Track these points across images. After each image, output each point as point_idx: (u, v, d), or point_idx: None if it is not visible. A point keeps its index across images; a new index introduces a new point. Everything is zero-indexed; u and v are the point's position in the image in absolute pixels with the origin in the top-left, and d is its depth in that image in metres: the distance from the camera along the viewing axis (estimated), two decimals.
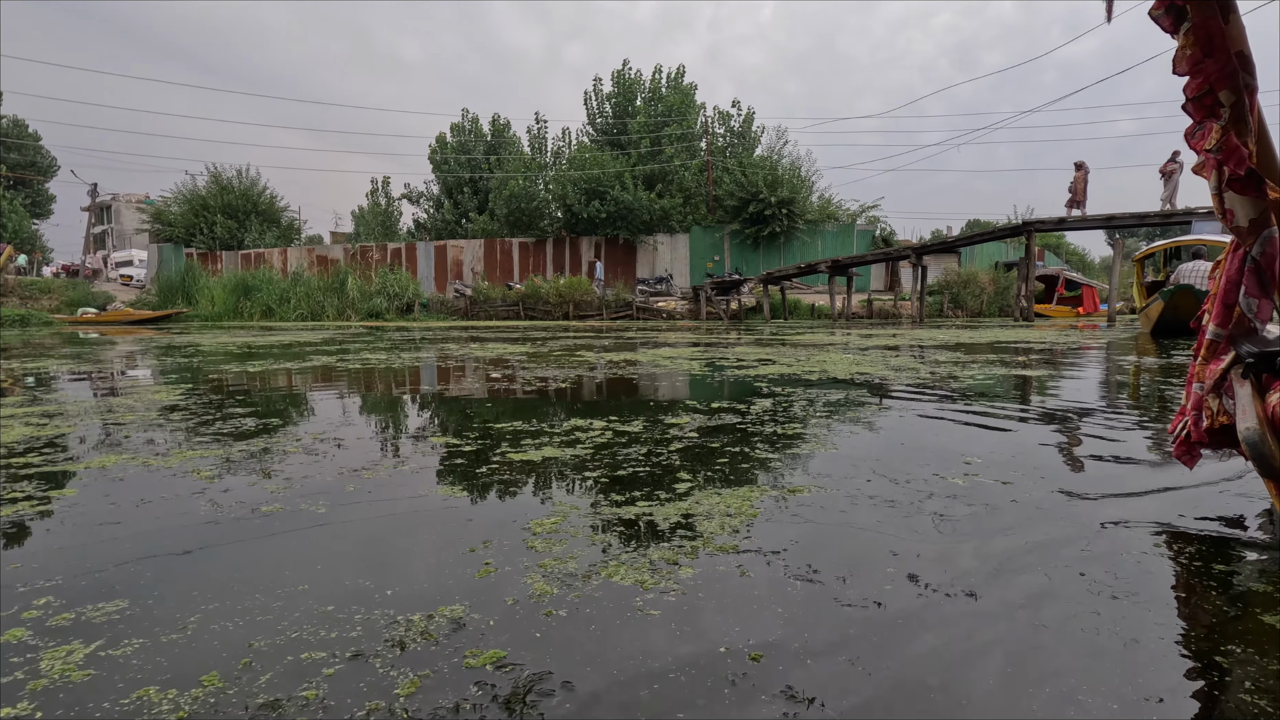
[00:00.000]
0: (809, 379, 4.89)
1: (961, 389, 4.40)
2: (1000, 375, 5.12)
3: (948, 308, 24.81)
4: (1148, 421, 3.39)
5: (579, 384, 4.95)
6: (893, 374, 5.10)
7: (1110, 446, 2.80)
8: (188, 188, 34.79)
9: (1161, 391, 4.50)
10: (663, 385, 4.84)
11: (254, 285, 26.35)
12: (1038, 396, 4.27)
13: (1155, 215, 16.15)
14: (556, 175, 29.26)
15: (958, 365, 5.63)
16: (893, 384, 4.69)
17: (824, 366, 5.53)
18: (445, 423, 3.57)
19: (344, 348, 8.95)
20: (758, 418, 3.40)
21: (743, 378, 4.99)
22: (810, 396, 4.11)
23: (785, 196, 26.69)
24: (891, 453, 2.66)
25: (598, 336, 12.11)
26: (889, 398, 4.16)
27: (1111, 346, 8.68)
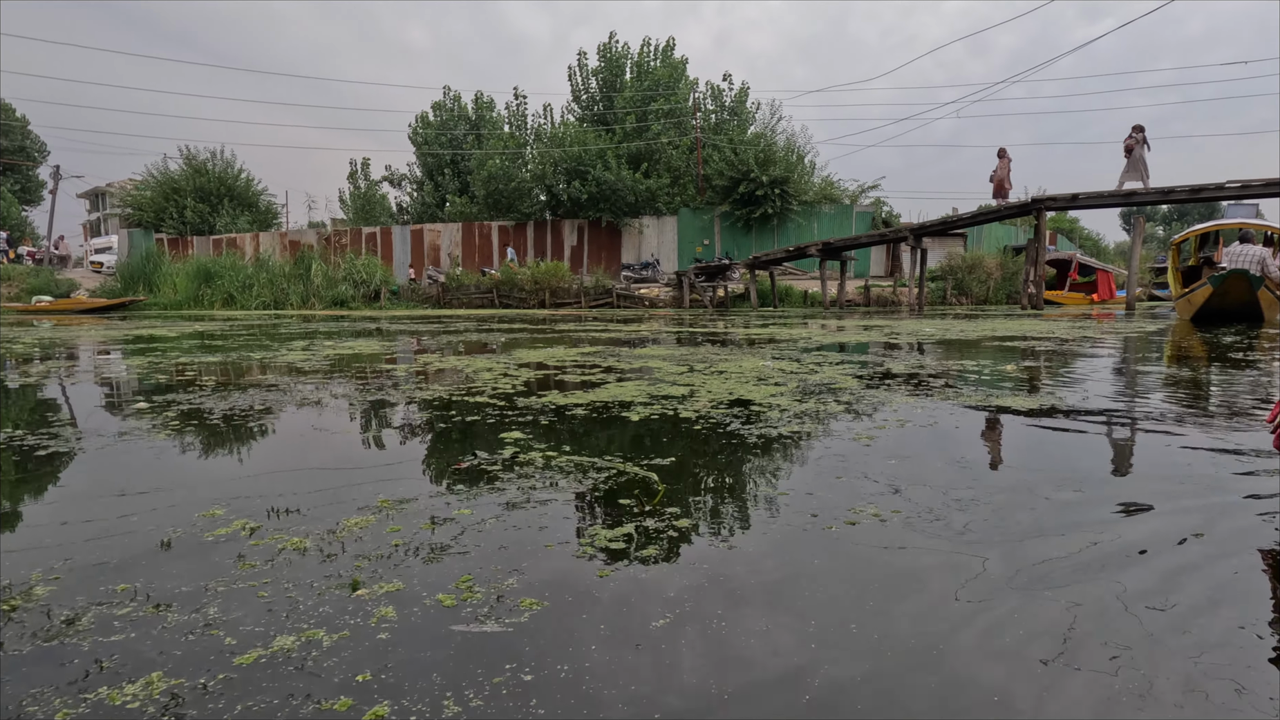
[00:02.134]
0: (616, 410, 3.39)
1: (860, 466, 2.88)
2: (947, 430, 3.64)
3: (951, 295, 23.10)
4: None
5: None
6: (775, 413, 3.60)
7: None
8: (159, 169, 33.43)
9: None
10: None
11: (216, 272, 24.97)
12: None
13: (1182, 190, 14.41)
14: (535, 154, 27.60)
15: (913, 392, 4.07)
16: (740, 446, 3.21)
17: (705, 386, 4.08)
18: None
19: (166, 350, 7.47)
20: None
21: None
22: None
23: (778, 176, 24.97)
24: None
25: (536, 329, 10.61)
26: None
27: (1142, 346, 7.08)
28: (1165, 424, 2.85)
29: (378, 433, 2.79)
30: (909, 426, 2.68)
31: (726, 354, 5.58)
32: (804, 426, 2.67)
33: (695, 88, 29.81)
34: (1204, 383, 3.95)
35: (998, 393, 3.47)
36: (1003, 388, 3.69)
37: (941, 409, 2.99)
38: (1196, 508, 1.76)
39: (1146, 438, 2.64)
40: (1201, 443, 2.48)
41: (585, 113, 31.11)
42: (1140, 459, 2.36)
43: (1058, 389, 3.65)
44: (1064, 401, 3.23)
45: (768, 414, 2.90)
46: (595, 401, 3.28)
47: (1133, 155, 15.30)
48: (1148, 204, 15.11)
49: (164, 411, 3.18)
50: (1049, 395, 3.41)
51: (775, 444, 2.44)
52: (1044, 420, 2.85)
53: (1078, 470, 2.12)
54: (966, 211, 17.58)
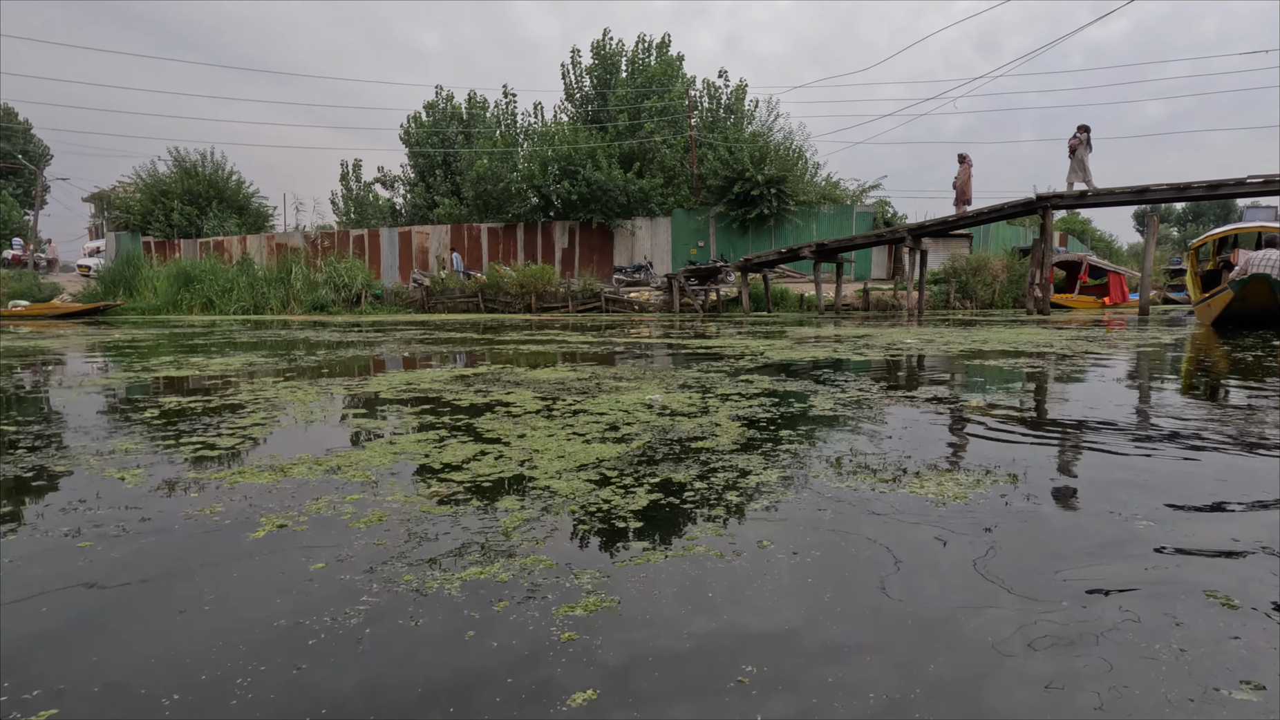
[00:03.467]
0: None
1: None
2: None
3: (954, 298, 22.07)
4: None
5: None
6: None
7: None
8: (147, 171, 32.91)
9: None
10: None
11: (196, 276, 24.33)
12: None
13: (1199, 185, 13.37)
14: (524, 153, 26.78)
15: (802, 451, 2.96)
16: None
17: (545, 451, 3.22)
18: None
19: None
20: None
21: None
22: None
23: (774, 175, 24.01)
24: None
25: (484, 338, 9.75)
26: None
27: (1158, 363, 6.13)
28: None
29: None
30: (727, 561, 1.60)
31: (632, 377, 4.68)
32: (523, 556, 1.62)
33: (692, 85, 28.91)
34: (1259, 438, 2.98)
35: (927, 472, 2.31)
36: (944, 452, 2.64)
37: (819, 505, 2.00)
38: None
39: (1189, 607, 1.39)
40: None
41: (579, 111, 30.30)
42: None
43: (1027, 462, 2.47)
44: (1034, 491, 2.12)
45: (514, 524, 1.88)
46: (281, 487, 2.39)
47: (1075, 156, 14.97)
48: (1162, 201, 14.08)
49: None
50: (1006, 481, 2.22)
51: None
52: (987, 549, 1.66)
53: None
54: (970, 211, 16.55)
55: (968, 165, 17.53)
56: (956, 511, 1.90)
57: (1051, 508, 1.98)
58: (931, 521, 1.82)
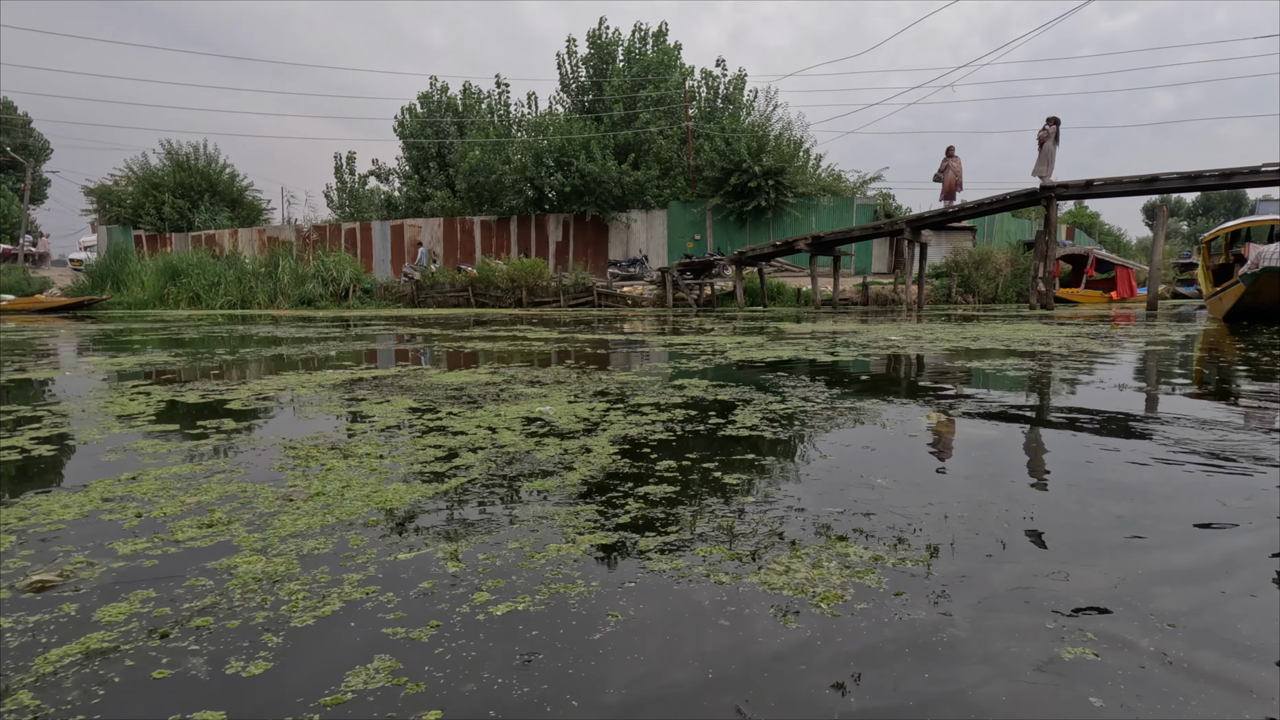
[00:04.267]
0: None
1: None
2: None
3: (956, 293, 21.45)
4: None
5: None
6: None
7: None
8: (139, 164, 32.53)
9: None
10: None
11: (183, 270, 23.93)
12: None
13: (1212, 174, 12.74)
14: (516, 144, 26.23)
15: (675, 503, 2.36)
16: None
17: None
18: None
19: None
20: None
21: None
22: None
23: (771, 166, 23.40)
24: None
25: (455, 334, 9.26)
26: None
27: (1167, 364, 5.59)
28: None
29: None
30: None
31: (551, 381, 4.15)
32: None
33: (690, 75, 28.29)
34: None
35: (810, 539, 1.62)
36: (857, 498, 1.91)
37: (598, 602, 1.29)
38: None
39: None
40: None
41: (575, 103, 29.74)
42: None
43: (967, 522, 1.73)
44: (957, 587, 1.36)
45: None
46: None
47: (1043, 148, 14.84)
48: (1172, 191, 13.45)
49: None
50: (918, 563, 1.48)
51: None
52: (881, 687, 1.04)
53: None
54: (971, 202, 15.93)
55: (957, 159, 17.15)
56: (809, 631, 1.18)
57: (972, 628, 1.19)
58: (758, 655, 1.10)
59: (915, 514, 1.79)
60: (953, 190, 17.01)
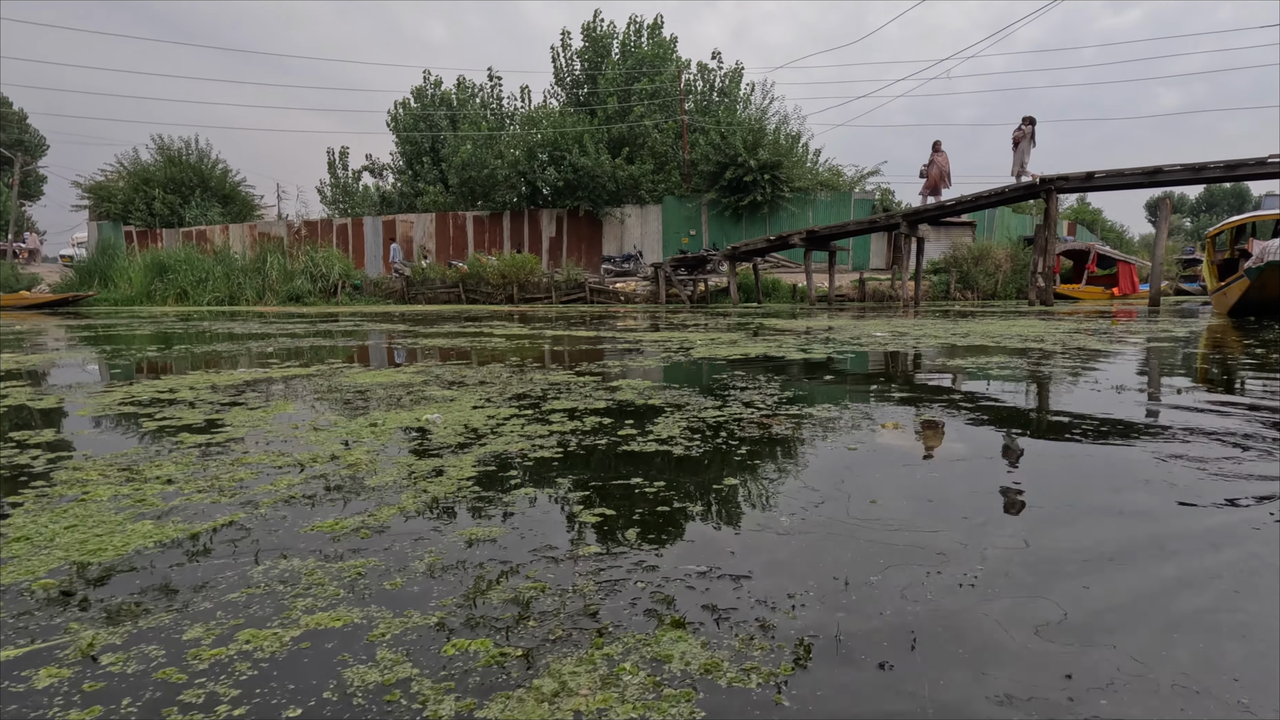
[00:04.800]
0: None
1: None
2: None
3: (955, 289, 21.05)
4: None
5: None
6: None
7: None
8: (130, 159, 32.19)
9: None
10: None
11: (170, 266, 23.62)
12: None
13: (1217, 166, 12.34)
14: (507, 139, 25.83)
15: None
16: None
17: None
18: None
19: None
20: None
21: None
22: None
23: (768, 160, 22.99)
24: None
25: (421, 332, 8.92)
26: None
27: (1168, 363, 5.23)
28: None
29: None
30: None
31: (474, 383, 3.77)
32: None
33: (687, 68, 27.85)
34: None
35: (625, 623, 1.16)
36: (723, 559, 1.42)
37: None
38: None
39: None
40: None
41: (569, 96, 29.32)
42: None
43: (859, 616, 1.19)
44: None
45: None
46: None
47: (1019, 148, 14.96)
48: (1176, 184, 13.05)
49: None
50: (762, 680, 1.00)
51: None
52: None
53: None
54: (969, 195, 15.51)
55: (944, 155, 17.17)
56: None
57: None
58: None
59: (808, 578, 1.29)
60: (937, 185, 17.00)
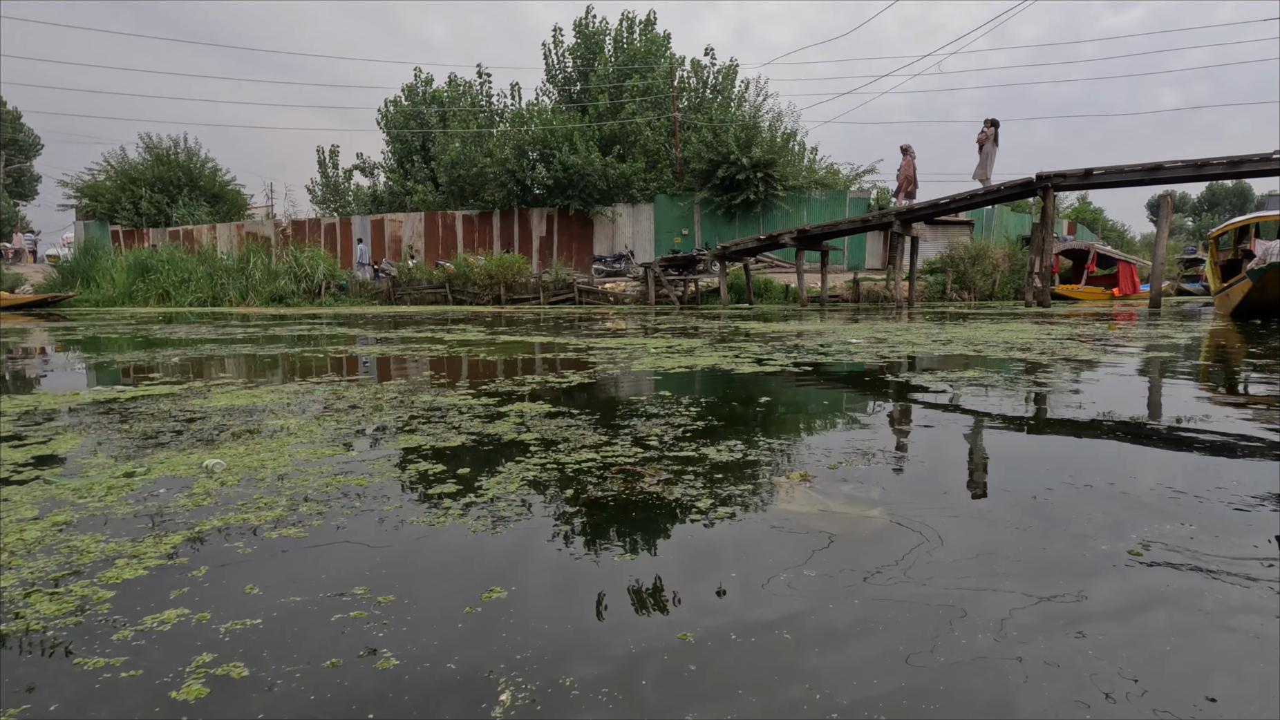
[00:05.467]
0: None
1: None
2: None
3: (951, 289, 20.60)
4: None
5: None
6: None
7: None
8: (117, 158, 31.79)
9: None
10: None
11: (153, 266, 23.22)
12: None
13: (1219, 162, 11.89)
14: (496, 137, 25.38)
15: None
16: None
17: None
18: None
19: None
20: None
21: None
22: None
23: (761, 158, 22.54)
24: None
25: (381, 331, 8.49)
26: None
27: (1168, 375, 4.78)
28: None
29: None
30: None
31: (347, 406, 3.31)
32: None
33: (681, 65, 27.41)
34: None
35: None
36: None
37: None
38: None
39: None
40: None
41: (561, 94, 28.89)
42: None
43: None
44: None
45: None
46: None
47: (983, 150, 14.90)
48: (1177, 181, 12.60)
49: None
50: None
51: None
52: None
53: None
54: (963, 193, 15.04)
55: (910, 157, 17.12)
56: None
57: None
58: None
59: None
60: (904, 188, 17.15)
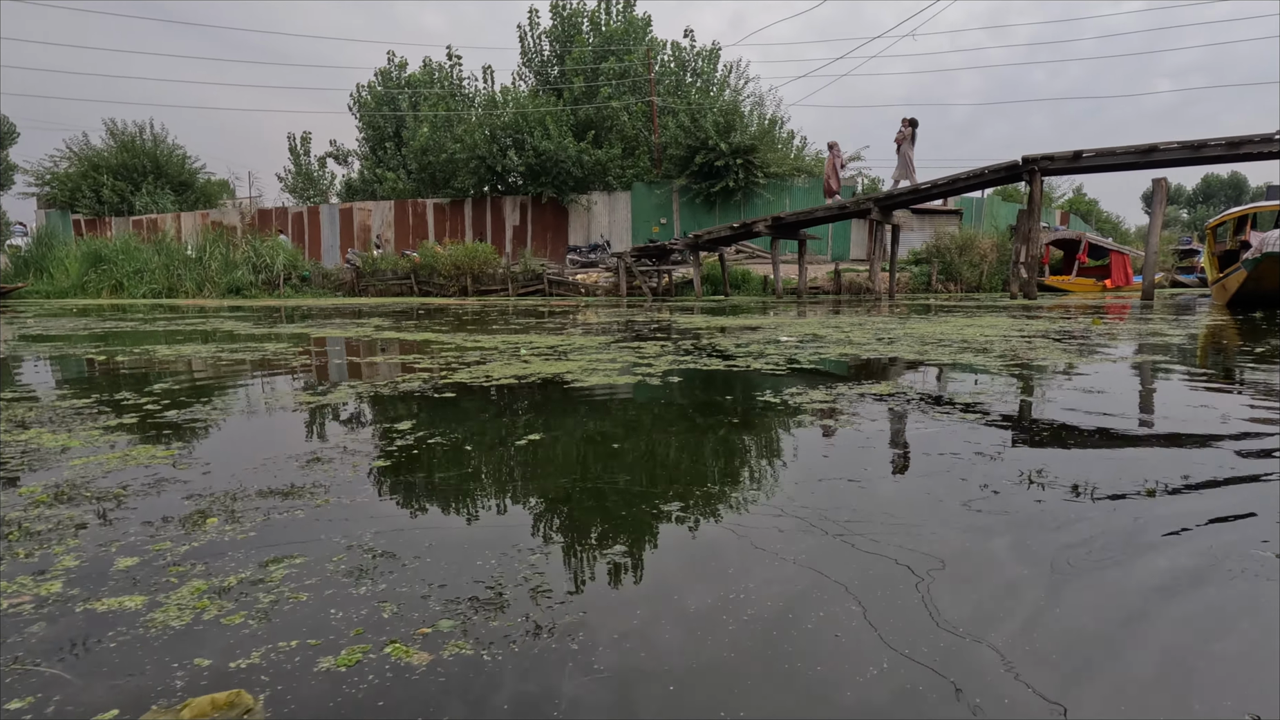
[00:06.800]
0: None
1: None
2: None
3: (937, 280, 19.76)
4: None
5: None
6: None
7: None
8: (78, 144, 30.65)
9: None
10: None
11: (107, 256, 22.25)
12: None
13: (1217, 144, 11.05)
14: (466, 123, 24.36)
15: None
16: None
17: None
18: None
19: None
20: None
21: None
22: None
23: (740, 144, 21.61)
24: None
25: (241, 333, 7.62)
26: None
27: (1159, 377, 3.94)
28: None
29: None
30: None
31: (124, 431, 2.49)
32: None
33: (662, 50, 26.39)
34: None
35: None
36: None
37: None
38: None
39: None
40: None
41: (538, 78, 27.86)
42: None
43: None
44: None
45: None
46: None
47: (900, 151, 14.72)
48: (1173, 164, 11.76)
49: None
50: None
51: None
52: None
53: None
54: (944, 178, 14.16)
55: (833, 156, 17.24)
56: None
57: None
58: None
59: None
60: (828, 188, 17.41)
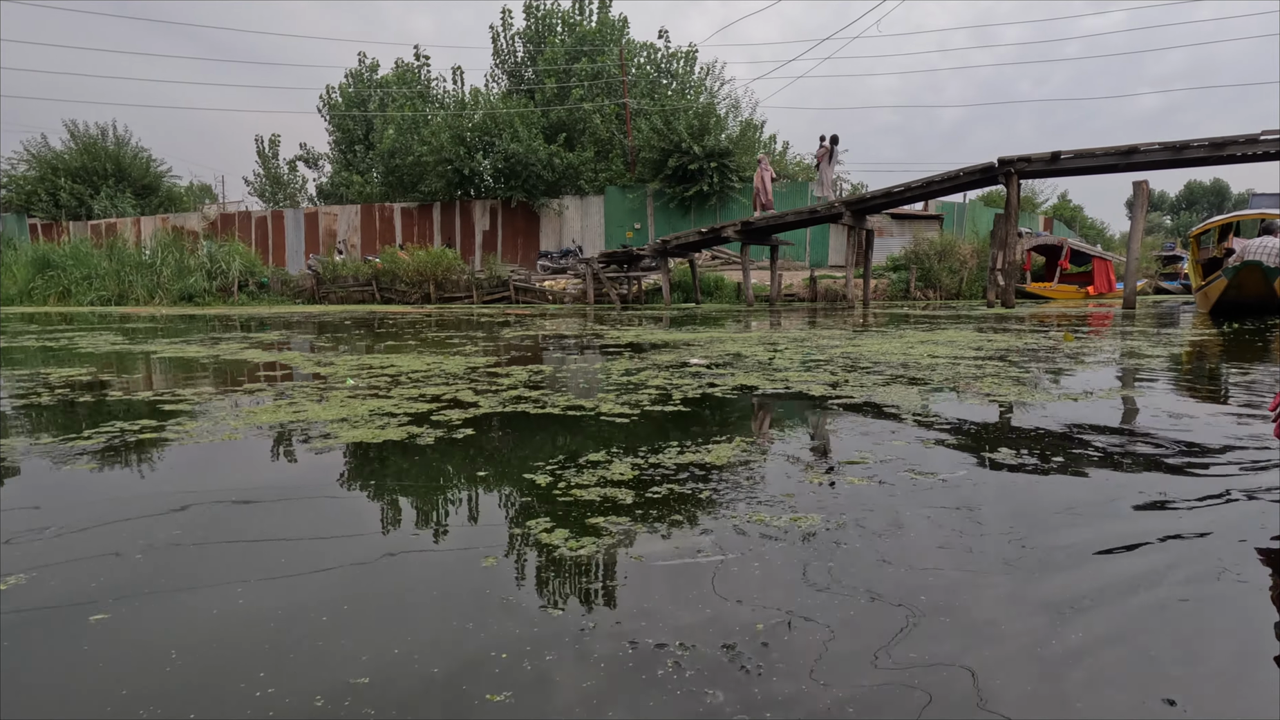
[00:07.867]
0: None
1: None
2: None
3: (915, 287, 19.17)
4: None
5: None
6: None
7: None
8: (36, 146, 29.65)
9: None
10: None
11: (55, 261, 21.31)
12: None
13: (1200, 144, 10.49)
14: (433, 125, 23.61)
15: None
16: None
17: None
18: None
19: None
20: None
21: None
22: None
23: (714, 147, 20.99)
24: None
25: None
26: None
27: (1151, 402, 3.24)
28: None
29: None
30: None
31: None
32: None
33: (637, 53, 25.78)
34: None
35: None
36: None
37: None
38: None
39: None
40: None
41: (510, 80, 27.19)
42: None
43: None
44: None
45: None
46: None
47: (819, 169, 14.64)
48: (1154, 166, 11.21)
49: None
50: None
51: None
52: None
53: None
54: (918, 180, 13.56)
55: (762, 169, 17.23)
56: None
57: None
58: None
59: None
60: (757, 201, 16.97)
